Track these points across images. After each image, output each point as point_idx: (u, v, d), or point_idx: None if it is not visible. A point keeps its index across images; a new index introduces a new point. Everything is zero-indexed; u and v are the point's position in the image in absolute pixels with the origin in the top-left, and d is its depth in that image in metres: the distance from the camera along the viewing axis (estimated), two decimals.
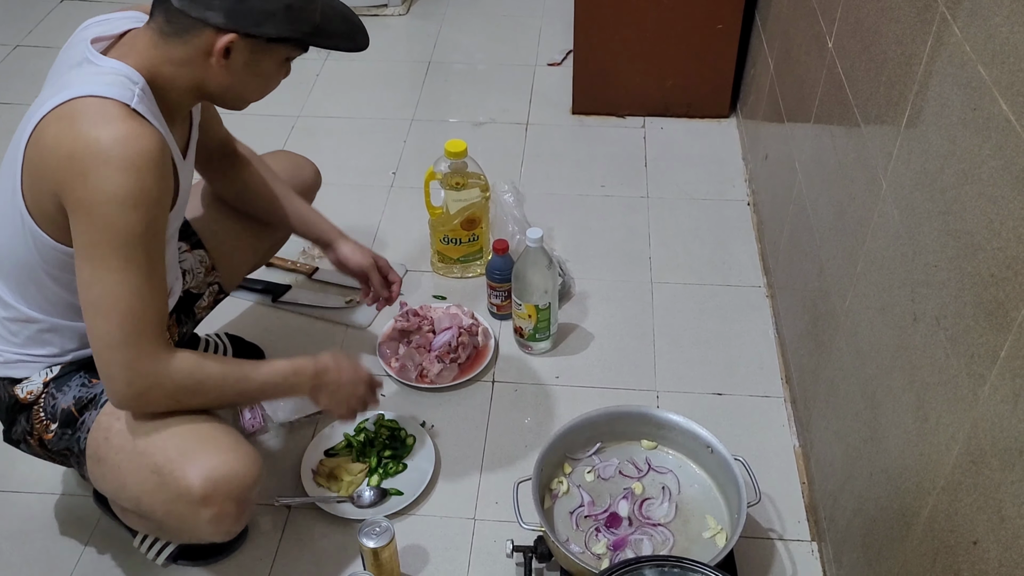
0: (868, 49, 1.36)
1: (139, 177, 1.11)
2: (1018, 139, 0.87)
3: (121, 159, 1.10)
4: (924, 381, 1.08)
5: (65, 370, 1.33)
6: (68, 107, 1.13)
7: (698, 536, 1.44)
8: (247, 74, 1.22)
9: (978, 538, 0.93)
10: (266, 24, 1.17)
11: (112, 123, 1.11)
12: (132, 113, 1.14)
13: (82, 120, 1.12)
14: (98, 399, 1.30)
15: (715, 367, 1.83)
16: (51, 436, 1.30)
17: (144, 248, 1.14)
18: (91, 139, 1.10)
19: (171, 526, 1.29)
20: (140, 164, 1.11)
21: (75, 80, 1.17)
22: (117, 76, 1.16)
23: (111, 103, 1.13)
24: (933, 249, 1.07)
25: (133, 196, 1.11)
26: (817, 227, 1.61)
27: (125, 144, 1.10)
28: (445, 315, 1.86)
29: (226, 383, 1.25)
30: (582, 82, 2.55)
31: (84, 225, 1.13)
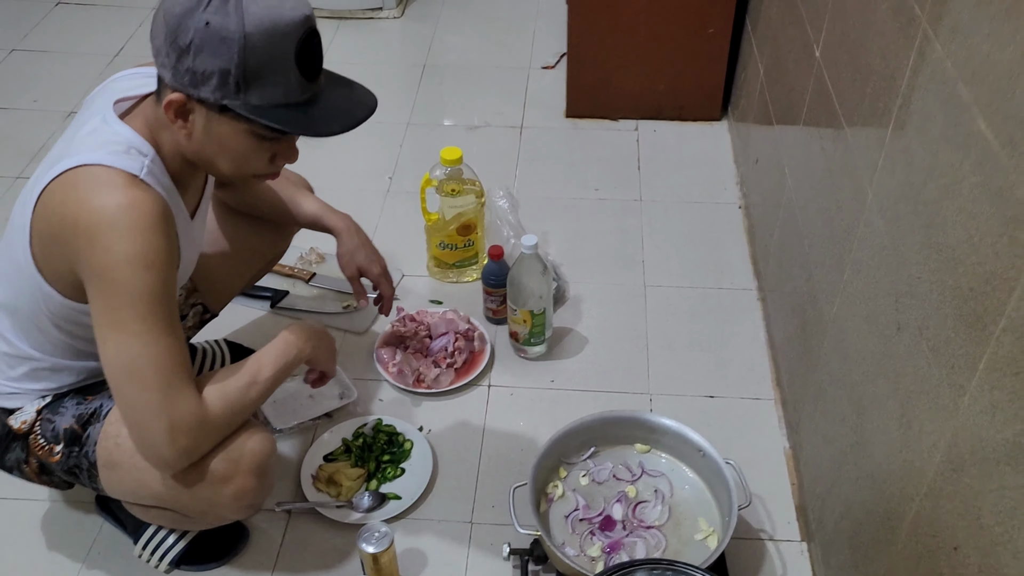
0: (854, 60, 1.39)
1: (147, 239, 1.13)
2: (996, 158, 0.90)
3: (128, 223, 1.12)
4: (907, 389, 1.11)
5: (57, 397, 1.35)
6: (74, 174, 1.16)
7: (690, 538, 1.47)
8: (209, 142, 1.19)
9: (959, 544, 0.96)
10: (203, 88, 1.11)
11: (115, 191, 1.14)
12: (135, 181, 1.16)
13: (86, 188, 1.14)
14: (99, 412, 1.32)
15: (707, 370, 1.85)
16: (58, 458, 1.32)
17: (163, 306, 1.16)
18: (95, 207, 1.13)
19: (195, 511, 1.31)
20: (146, 226, 1.13)
21: (86, 145, 1.19)
22: (128, 146, 1.19)
23: (115, 172, 1.15)
24: (916, 261, 1.10)
25: (144, 257, 1.13)
26: (806, 232, 1.64)
27: (130, 210, 1.13)
28: (441, 320, 1.89)
29: (250, 394, 1.27)
30: (576, 85, 2.57)
31: (101, 292, 1.15)
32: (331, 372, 1.48)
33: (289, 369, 1.33)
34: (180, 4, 1.09)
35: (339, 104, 1.20)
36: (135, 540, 1.51)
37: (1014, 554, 0.84)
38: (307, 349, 1.36)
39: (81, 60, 2.91)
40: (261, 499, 1.33)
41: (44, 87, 2.79)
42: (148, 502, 1.33)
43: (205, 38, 1.08)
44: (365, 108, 1.22)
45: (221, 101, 1.12)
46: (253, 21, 1.08)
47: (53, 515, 1.61)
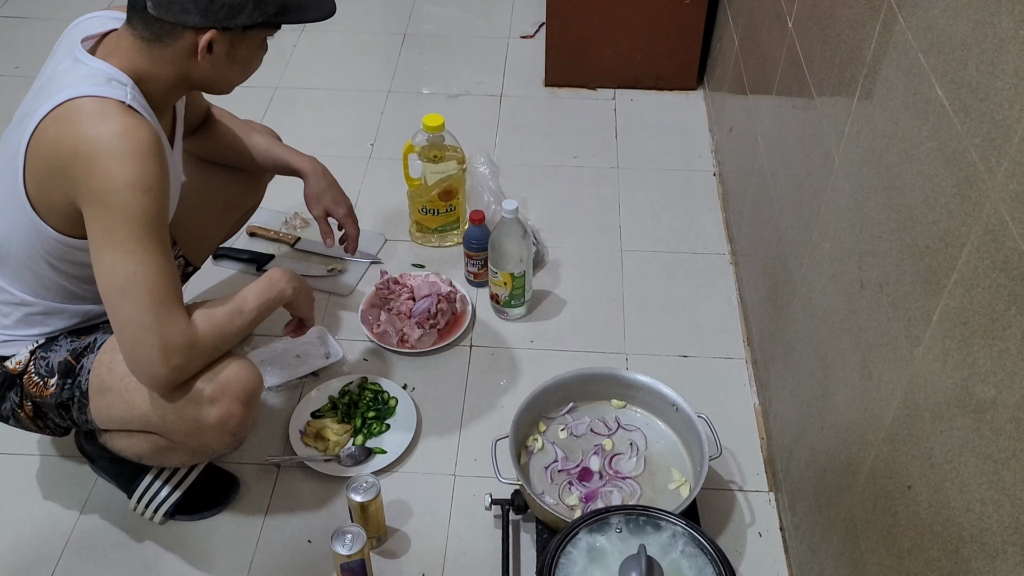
0: (824, 31, 1.45)
1: (144, 164, 1.19)
2: (951, 123, 0.96)
3: (125, 149, 1.18)
4: (868, 342, 1.18)
5: (50, 339, 1.40)
6: (65, 108, 1.21)
7: (664, 488, 1.55)
8: (229, 63, 1.30)
9: (912, 483, 1.03)
10: (240, 15, 1.24)
11: (111, 119, 1.19)
12: (126, 108, 1.22)
13: (81, 119, 1.20)
14: (93, 345, 1.38)
15: (681, 331, 1.92)
16: (52, 391, 1.37)
17: (158, 228, 1.23)
18: (93, 136, 1.18)
19: (181, 434, 1.36)
20: (142, 152, 1.19)
21: (68, 82, 1.24)
22: (107, 77, 1.24)
23: (107, 101, 1.21)
24: (878, 221, 1.17)
25: (142, 181, 1.19)
26: (777, 198, 1.70)
27: (126, 136, 1.19)
28: (424, 283, 1.94)
29: (235, 323, 1.33)
30: (554, 55, 2.61)
31: (99, 215, 1.20)
32: (310, 320, 1.53)
33: (272, 306, 1.40)
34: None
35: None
36: (129, 494, 1.56)
37: (960, 488, 0.91)
38: (288, 290, 1.42)
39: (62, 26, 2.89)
40: (246, 430, 1.38)
41: (25, 53, 2.79)
42: (136, 426, 1.38)
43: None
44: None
45: (256, 21, 1.26)
46: None
47: (48, 469, 1.65)
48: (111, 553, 1.53)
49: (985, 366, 0.87)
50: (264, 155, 1.71)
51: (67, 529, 1.56)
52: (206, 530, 1.56)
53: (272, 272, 1.43)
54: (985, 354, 0.87)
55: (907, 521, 1.04)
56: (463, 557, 1.52)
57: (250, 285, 1.40)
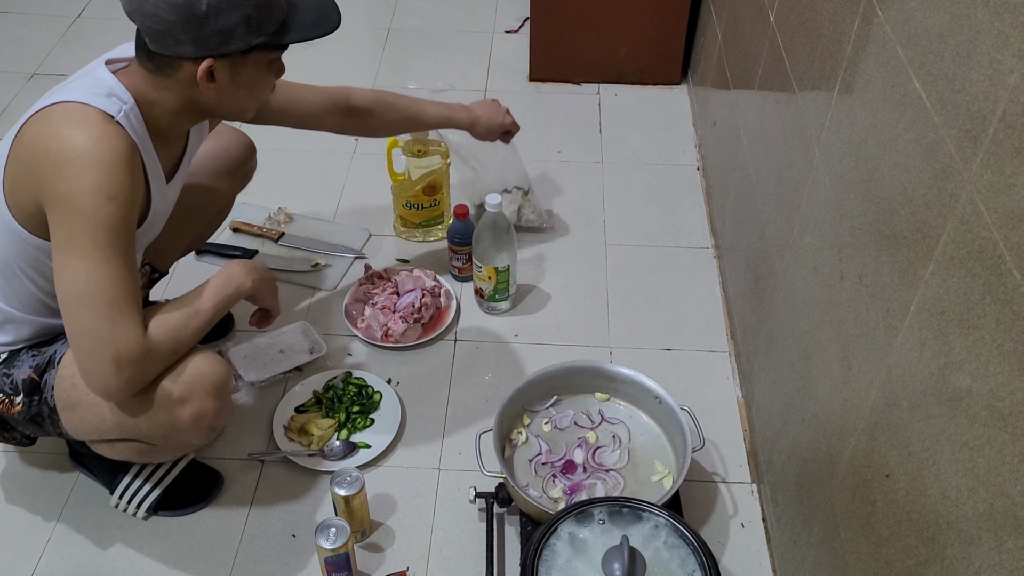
0: (805, 25, 1.46)
1: (112, 172, 1.18)
2: (928, 115, 0.97)
3: (94, 155, 1.17)
4: (848, 333, 1.19)
5: (12, 354, 1.38)
6: (50, 110, 1.21)
7: (647, 480, 1.56)
8: (235, 88, 1.28)
9: (890, 471, 1.04)
10: (232, 40, 1.22)
11: (87, 125, 1.19)
12: (108, 118, 1.21)
13: (59, 120, 1.20)
14: (54, 359, 1.36)
15: (665, 324, 1.93)
16: (19, 408, 1.35)
17: (122, 238, 1.21)
18: (65, 136, 1.18)
19: (157, 437, 1.34)
20: (112, 159, 1.18)
21: (68, 88, 1.24)
22: (108, 91, 1.24)
23: (90, 109, 1.20)
24: (857, 213, 1.18)
25: (107, 188, 1.18)
26: (759, 191, 1.71)
27: (98, 142, 1.18)
28: (408, 278, 1.94)
29: (191, 325, 1.30)
30: (539, 49, 2.61)
31: (62, 219, 1.19)
32: (275, 310, 1.50)
33: (229, 302, 1.37)
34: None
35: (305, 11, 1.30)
36: (111, 490, 1.56)
37: (936, 475, 0.92)
38: (247, 283, 1.39)
39: (42, 21, 2.89)
40: (221, 421, 1.37)
41: (5, 48, 2.77)
42: (112, 436, 1.37)
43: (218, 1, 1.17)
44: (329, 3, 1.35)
45: (251, 44, 1.23)
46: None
47: (29, 467, 1.65)
48: (93, 550, 1.52)
49: (961, 355, 0.88)
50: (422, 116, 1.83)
51: (49, 526, 1.55)
52: (190, 525, 1.56)
53: (230, 266, 1.40)
54: (961, 343, 0.88)
55: (885, 509, 1.05)
56: (448, 550, 1.53)
57: (207, 281, 1.37)
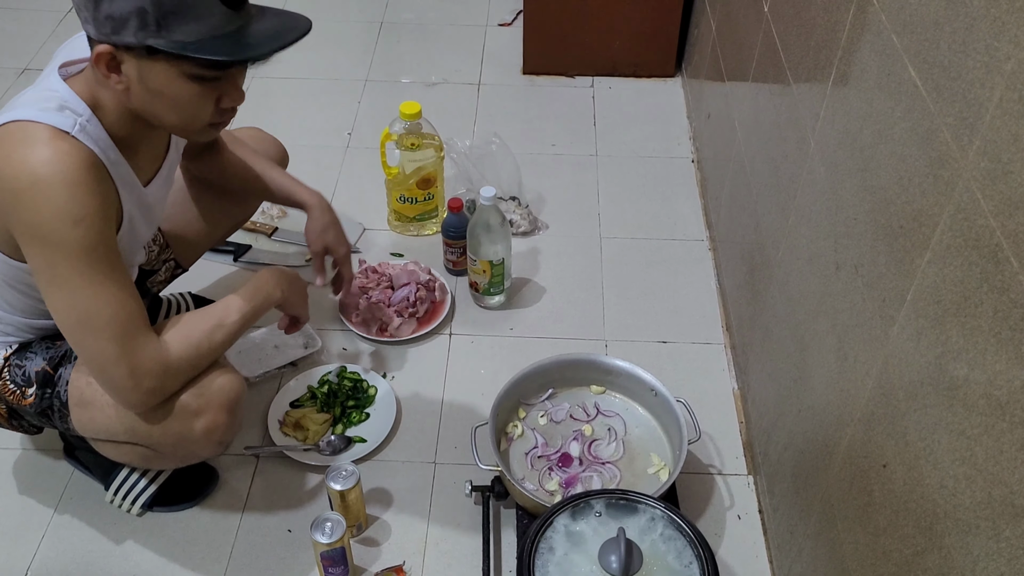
0: (799, 15, 1.45)
1: (71, 194, 1.12)
2: (924, 103, 0.97)
3: (50, 178, 1.11)
4: (844, 324, 1.19)
5: (22, 346, 1.37)
6: (4, 129, 1.14)
7: (643, 472, 1.55)
8: (147, 92, 1.16)
9: (887, 461, 1.04)
10: (124, 31, 1.09)
11: (39, 145, 1.12)
12: (62, 135, 1.14)
13: (10, 145, 1.13)
14: (70, 355, 1.35)
15: (660, 317, 1.93)
16: (31, 400, 1.35)
17: (102, 257, 1.16)
18: (17, 162, 1.12)
19: (167, 446, 1.34)
20: (69, 180, 1.12)
21: (21, 102, 1.18)
22: (60, 104, 1.16)
23: (41, 127, 1.13)
24: (853, 203, 1.17)
25: (72, 212, 1.12)
26: (754, 183, 1.71)
27: (51, 164, 1.11)
28: (403, 272, 1.94)
29: (215, 338, 1.29)
30: (532, 42, 2.60)
31: (37, 250, 1.15)
32: (304, 317, 1.51)
33: (258, 313, 1.36)
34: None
35: (269, 29, 1.17)
36: (106, 486, 1.55)
37: (934, 465, 0.92)
38: (276, 294, 1.39)
39: (32, 16, 2.87)
40: (231, 436, 1.37)
41: None
42: (120, 438, 1.36)
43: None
44: (297, 29, 1.18)
45: (144, 42, 1.09)
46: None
47: (24, 463, 1.64)
48: (89, 546, 1.52)
49: (958, 344, 0.88)
50: (269, 184, 1.64)
51: (44, 522, 1.55)
52: (185, 521, 1.55)
53: (259, 275, 1.39)
54: (958, 332, 0.88)
55: (882, 499, 1.05)
56: (444, 544, 1.52)
57: (232, 295, 1.35)
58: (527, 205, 2.14)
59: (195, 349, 1.27)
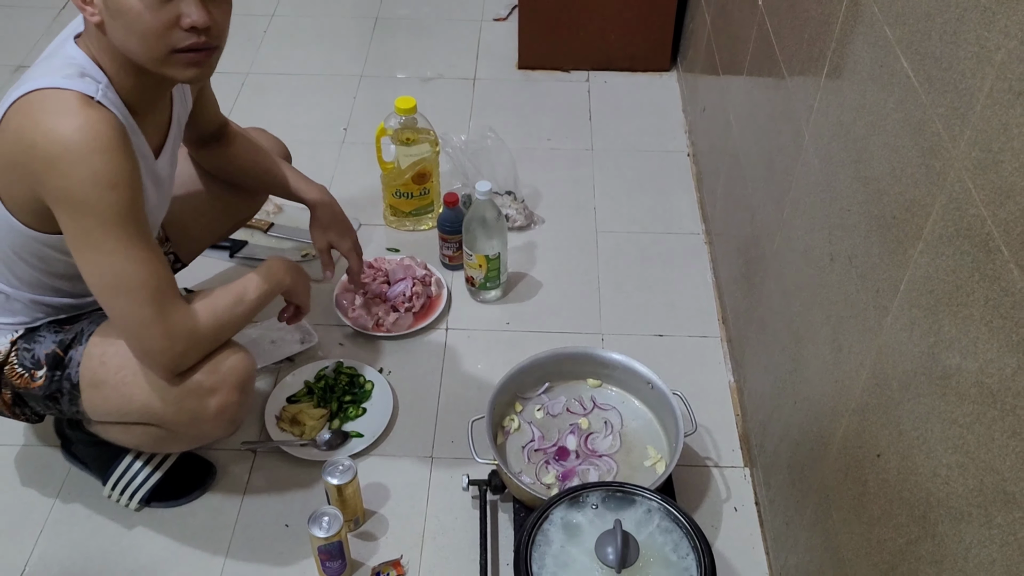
0: (793, 7, 1.45)
1: (106, 159, 1.15)
2: (916, 94, 0.97)
3: (85, 145, 1.13)
4: (839, 315, 1.20)
5: (29, 330, 1.38)
6: (29, 99, 1.17)
7: (640, 465, 1.56)
8: (111, 17, 1.15)
9: (881, 451, 1.05)
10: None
11: (70, 113, 1.15)
12: (89, 101, 1.17)
13: (40, 112, 1.15)
14: (80, 336, 1.36)
15: (657, 310, 1.93)
16: (40, 383, 1.35)
17: (135, 221, 1.20)
18: (49, 129, 1.14)
19: (180, 424, 1.36)
20: (103, 146, 1.15)
21: (42, 71, 1.20)
22: (81, 71, 1.19)
23: (69, 94, 1.16)
24: (846, 194, 1.18)
25: (108, 177, 1.15)
26: (749, 176, 1.71)
27: (84, 131, 1.14)
28: (399, 267, 1.94)
29: (236, 311, 1.34)
30: (528, 37, 2.60)
31: (70, 216, 1.17)
32: (306, 307, 1.54)
33: (271, 295, 1.41)
34: None
35: None
36: (103, 481, 1.55)
37: (927, 454, 0.92)
38: (287, 279, 1.44)
39: (27, 13, 2.87)
40: (243, 415, 1.40)
41: None
42: (134, 418, 1.37)
43: None
44: None
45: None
46: None
47: (22, 458, 1.64)
48: (87, 541, 1.52)
49: (950, 333, 0.88)
50: (274, 181, 1.67)
51: (42, 517, 1.55)
52: (183, 516, 1.56)
53: (271, 261, 1.44)
54: (950, 322, 0.88)
55: (876, 489, 1.05)
56: (441, 538, 1.53)
57: (249, 274, 1.40)
58: (523, 199, 2.14)
59: (219, 320, 1.31)
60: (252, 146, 1.66)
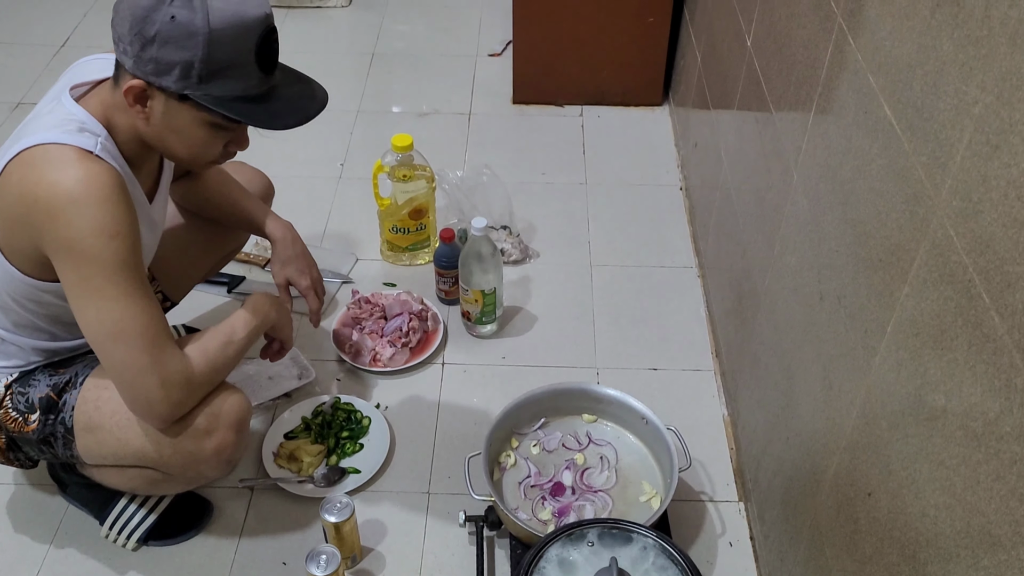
0: (781, 50, 1.49)
1: (107, 209, 1.18)
2: (899, 141, 1.00)
3: (87, 196, 1.17)
4: (829, 353, 1.22)
5: (23, 374, 1.39)
6: (29, 154, 1.20)
7: (635, 500, 1.57)
8: (167, 127, 1.23)
9: (872, 490, 1.06)
10: (166, 77, 1.16)
11: (70, 166, 1.18)
12: (90, 156, 1.20)
13: (42, 165, 1.18)
14: (74, 380, 1.37)
15: (651, 344, 1.95)
16: (33, 427, 1.36)
17: (135, 269, 1.22)
18: (52, 182, 1.17)
19: (177, 466, 1.36)
20: (104, 196, 1.18)
21: (42, 125, 1.23)
22: (80, 126, 1.23)
23: (68, 148, 1.20)
24: (834, 235, 1.20)
25: (109, 227, 1.18)
26: (740, 212, 1.74)
27: (85, 182, 1.17)
28: (395, 301, 1.96)
29: (228, 352, 1.35)
30: (522, 72, 2.64)
31: (71, 265, 1.20)
32: (289, 343, 1.54)
33: (259, 332, 1.42)
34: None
35: (293, 99, 1.27)
36: (101, 521, 1.56)
37: (916, 495, 0.94)
38: (272, 314, 1.45)
39: (27, 50, 2.90)
40: (239, 455, 1.41)
41: None
42: (130, 462, 1.38)
43: (171, 31, 1.13)
44: (317, 103, 1.29)
45: (183, 91, 1.18)
46: (218, 17, 1.14)
47: (18, 499, 1.64)
48: None
49: (936, 376, 0.90)
50: (240, 215, 1.67)
51: (38, 559, 1.55)
52: (180, 555, 1.56)
53: (255, 298, 1.44)
54: (935, 364, 0.90)
55: (868, 527, 1.07)
56: (438, 574, 1.53)
57: (236, 313, 1.40)
58: (518, 234, 2.17)
59: (212, 363, 1.32)
60: (223, 178, 1.67)
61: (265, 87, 1.23)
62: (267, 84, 1.23)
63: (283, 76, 1.28)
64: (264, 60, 1.21)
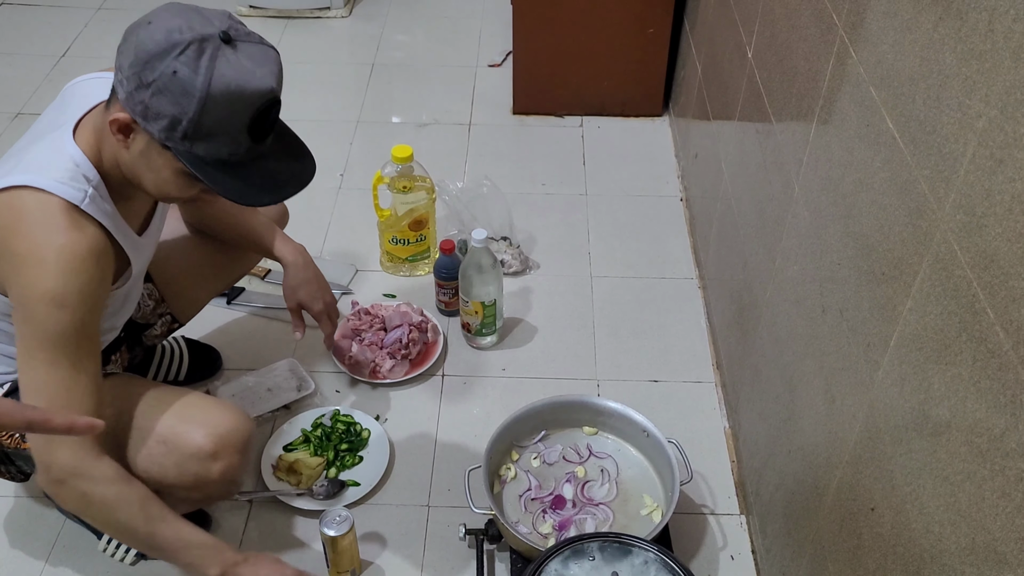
0: (782, 62, 1.48)
1: (67, 280, 1.16)
2: (902, 154, 0.99)
3: (53, 263, 1.16)
4: (831, 367, 1.21)
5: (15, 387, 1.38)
6: (18, 196, 1.18)
7: (636, 514, 1.56)
8: (141, 163, 1.21)
9: (875, 505, 1.06)
10: (152, 124, 1.13)
11: (49, 229, 1.17)
12: (75, 217, 1.19)
13: (26, 218, 1.17)
14: None
15: (651, 355, 1.94)
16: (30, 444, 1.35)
17: (73, 345, 1.20)
18: (26, 237, 1.17)
19: (182, 489, 1.36)
20: (71, 268, 1.17)
21: (37, 162, 1.21)
22: (74, 171, 1.21)
23: (56, 202, 1.18)
24: (837, 248, 1.20)
25: (61, 297, 1.16)
26: (741, 224, 1.73)
27: (61, 251, 1.16)
28: (395, 313, 1.95)
29: (141, 513, 1.26)
30: (522, 83, 2.64)
31: (19, 316, 1.20)
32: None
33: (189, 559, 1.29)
34: (156, 42, 1.10)
35: (276, 173, 1.23)
36: (98, 535, 1.55)
37: (920, 510, 0.93)
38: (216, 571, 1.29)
39: (27, 61, 2.90)
40: (243, 475, 1.41)
41: None
42: None
43: (169, 84, 1.10)
44: (295, 183, 1.26)
45: (165, 142, 1.15)
46: (220, 83, 1.11)
47: (15, 513, 1.63)
48: None
49: (940, 391, 0.90)
50: (253, 238, 1.66)
51: (35, 573, 1.54)
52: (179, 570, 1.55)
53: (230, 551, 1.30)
54: (939, 379, 0.90)
55: (871, 543, 1.06)
56: None
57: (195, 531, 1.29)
58: (518, 245, 2.16)
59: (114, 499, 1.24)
60: None
61: (252, 155, 1.20)
62: (255, 152, 1.20)
63: (277, 145, 1.24)
64: (257, 131, 1.17)
